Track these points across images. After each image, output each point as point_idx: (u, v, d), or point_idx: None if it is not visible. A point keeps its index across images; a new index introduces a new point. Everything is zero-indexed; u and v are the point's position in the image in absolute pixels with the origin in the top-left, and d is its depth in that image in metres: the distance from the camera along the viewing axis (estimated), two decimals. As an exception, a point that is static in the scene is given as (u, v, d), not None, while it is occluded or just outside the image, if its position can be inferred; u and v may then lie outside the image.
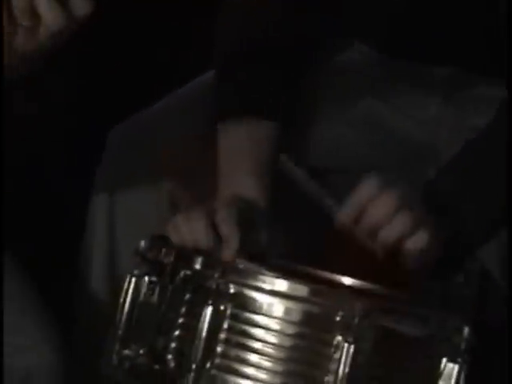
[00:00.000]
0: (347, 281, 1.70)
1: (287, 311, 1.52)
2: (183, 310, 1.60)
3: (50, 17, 1.46)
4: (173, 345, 1.60)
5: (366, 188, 1.73)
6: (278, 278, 1.55)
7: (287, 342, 1.51)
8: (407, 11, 2.00)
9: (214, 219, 1.77)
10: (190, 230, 1.77)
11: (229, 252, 1.73)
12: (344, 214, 1.71)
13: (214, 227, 1.77)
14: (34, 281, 1.91)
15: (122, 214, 2.07)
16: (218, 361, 1.53)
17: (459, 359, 1.51)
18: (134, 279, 1.63)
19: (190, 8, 2.20)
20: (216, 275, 1.55)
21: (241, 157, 1.94)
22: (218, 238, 1.76)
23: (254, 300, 1.54)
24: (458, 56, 2.07)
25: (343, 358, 1.45)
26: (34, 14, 1.46)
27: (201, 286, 1.58)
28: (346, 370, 1.45)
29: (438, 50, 2.07)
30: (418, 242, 1.72)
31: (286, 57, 2.04)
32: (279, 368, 1.51)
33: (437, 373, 1.52)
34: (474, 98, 2.10)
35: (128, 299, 1.64)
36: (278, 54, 2.02)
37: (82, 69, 2.02)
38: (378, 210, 1.71)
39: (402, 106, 2.15)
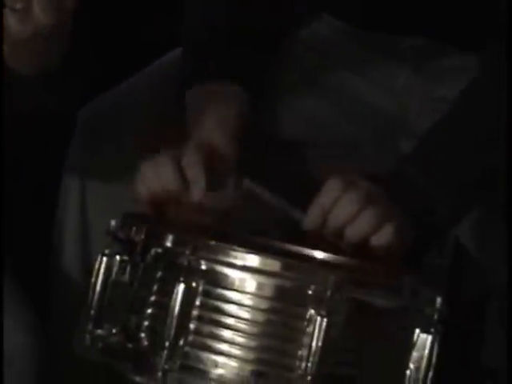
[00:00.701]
0: (319, 255, 1.70)
1: (259, 286, 1.52)
2: (155, 287, 1.60)
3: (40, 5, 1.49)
4: (145, 323, 1.59)
5: (328, 192, 1.75)
6: (249, 253, 1.54)
7: (260, 317, 1.50)
8: None
9: (181, 163, 1.79)
10: (157, 175, 1.79)
11: (197, 194, 1.75)
12: (309, 222, 1.74)
13: (180, 171, 1.79)
14: (10, 266, 1.92)
15: (93, 194, 2.08)
16: (191, 338, 1.52)
17: (432, 330, 1.52)
18: (105, 258, 1.63)
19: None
20: (187, 252, 1.54)
21: (207, 115, 1.94)
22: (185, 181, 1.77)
23: (226, 276, 1.54)
24: (428, 26, 2.08)
25: (316, 331, 1.46)
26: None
27: (172, 264, 1.58)
28: (320, 343, 1.46)
29: (408, 21, 2.07)
30: (383, 237, 1.74)
31: (255, 30, 2.05)
32: (253, 343, 1.51)
33: (410, 344, 1.53)
34: (444, 68, 2.11)
35: (100, 279, 1.63)
36: (246, 28, 2.03)
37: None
38: (341, 211, 1.73)
39: (373, 77, 2.16)
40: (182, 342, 1.53)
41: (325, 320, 1.46)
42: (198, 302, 1.53)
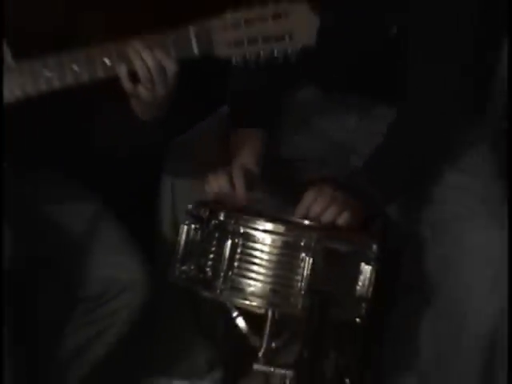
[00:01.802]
0: (307, 223, 2.36)
1: (273, 240, 2.25)
2: (214, 243, 2.32)
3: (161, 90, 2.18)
4: (209, 263, 2.31)
5: (309, 196, 2.38)
6: (266, 221, 2.27)
7: (274, 258, 2.24)
8: (337, 66, 2.66)
9: (231, 176, 2.45)
10: (217, 182, 2.44)
11: (239, 195, 2.42)
12: (298, 214, 2.39)
13: (230, 181, 2.44)
14: (133, 228, 2.54)
15: (179, 190, 2.70)
16: (235, 271, 2.26)
17: (371, 263, 2.24)
18: (185, 227, 2.36)
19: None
20: (232, 222, 2.29)
21: (242, 148, 2.58)
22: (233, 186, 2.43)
23: (253, 235, 2.27)
24: (367, 89, 2.71)
25: (306, 266, 2.22)
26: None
27: (223, 229, 2.30)
28: (308, 272, 2.22)
29: (355, 87, 2.71)
30: (342, 220, 2.36)
31: (270, 97, 2.71)
32: (270, 273, 2.25)
33: (358, 272, 2.25)
34: (377, 114, 2.71)
35: (183, 238, 2.36)
36: (265, 96, 2.68)
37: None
38: (316, 208, 2.36)
39: (334, 121, 2.79)
40: (230, 273, 2.27)
41: (311, 259, 2.21)
42: (238, 250, 2.27)
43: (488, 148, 2.78)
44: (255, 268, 2.28)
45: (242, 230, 2.29)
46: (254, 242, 2.29)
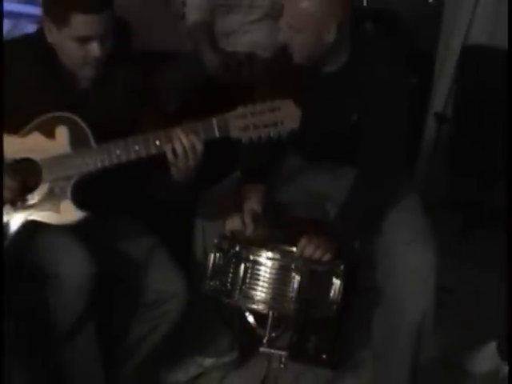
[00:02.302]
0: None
1: (273, 264, 2.30)
2: (232, 266, 2.34)
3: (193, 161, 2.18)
4: (229, 280, 2.33)
5: (303, 242, 2.35)
6: (268, 251, 2.31)
7: (273, 277, 2.29)
8: (314, 141, 2.62)
9: (243, 218, 2.48)
10: (234, 222, 2.47)
11: (248, 231, 2.44)
12: (297, 252, 2.35)
13: (243, 221, 2.47)
14: (176, 254, 2.50)
15: (208, 228, 2.63)
16: (247, 285, 2.30)
17: (340, 278, 2.29)
18: (212, 254, 2.39)
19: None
20: (244, 251, 2.33)
21: (249, 197, 2.56)
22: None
23: (259, 261, 2.31)
24: (336, 156, 2.67)
25: (295, 281, 2.27)
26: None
27: (239, 256, 2.33)
28: (296, 286, 2.27)
29: (327, 155, 2.68)
30: (326, 257, 2.34)
31: (268, 163, 2.68)
32: (270, 287, 2.29)
33: (331, 284, 2.29)
34: (344, 173, 2.65)
35: (211, 262, 2.38)
36: (264, 163, 2.65)
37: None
38: (310, 250, 2.33)
39: (313, 178, 2.76)
40: (243, 287, 2.30)
41: (299, 277, 2.26)
42: (249, 271, 2.30)
43: (416, 194, 2.75)
44: (260, 283, 2.31)
45: (251, 257, 2.33)
46: (260, 265, 2.33)
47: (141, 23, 3.40)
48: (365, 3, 5.63)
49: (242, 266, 2.30)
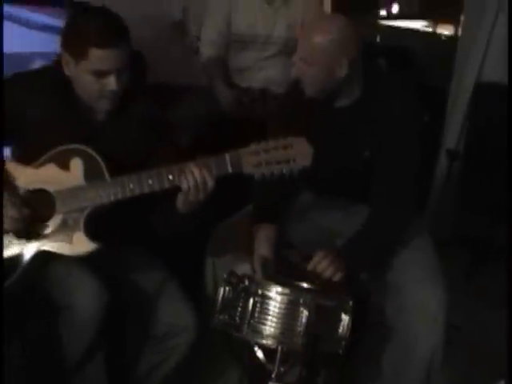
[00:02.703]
0: (306, 285, 2.37)
1: (281, 299, 2.29)
2: (241, 300, 2.33)
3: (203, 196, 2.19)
4: (238, 314, 2.32)
5: (317, 257, 2.40)
6: (277, 286, 2.30)
7: (282, 311, 2.28)
8: (326, 177, 2.61)
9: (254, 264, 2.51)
10: (244, 268, 2.49)
11: (258, 278, 2.42)
12: (310, 267, 2.39)
13: (253, 268, 2.50)
14: (187, 288, 2.50)
15: (218, 264, 2.67)
16: (256, 319, 2.29)
17: (348, 313, 2.29)
18: (222, 289, 2.37)
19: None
20: (253, 286, 2.32)
21: (261, 239, 2.58)
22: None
23: (268, 295, 2.29)
24: (347, 193, 2.69)
25: (303, 316, 2.26)
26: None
27: (248, 291, 2.32)
28: (304, 321, 2.26)
29: (339, 192, 2.69)
30: (337, 277, 2.39)
31: (280, 200, 2.70)
32: (279, 321, 2.28)
33: (339, 319, 2.29)
34: (356, 210, 2.68)
35: (220, 296, 2.36)
36: (276, 200, 2.67)
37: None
38: (323, 265, 2.38)
39: (325, 215, 2.77)
40: (252, 321, 2.30)
41: (307, 312, 2.26)
42: (258, 305, 2.30)
43: (427, 232, 2.76)
44: (269, 318, 2.31)
45: (260, 292, 2.33)
46: (269, 299, 2.32)
47: (155, 57, 3.45)
48: (378, 39, 5.71)
49: (251, 301, 2.30)
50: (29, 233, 2.25)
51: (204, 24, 3.78)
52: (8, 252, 2.26)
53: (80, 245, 2.23)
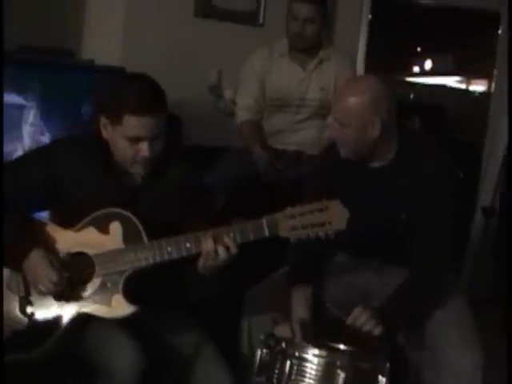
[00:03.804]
0: (342, 347, 2.37)
1: (318, 361, 2.31)
2: (278, 362, 2.36)
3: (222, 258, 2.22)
4: (275, 376, 2.35)
5: (356, 312, 2.42)
6: (314, 348, 2.33)
7: (318, 373, 2.30)
8: (361, 239, 2.63)
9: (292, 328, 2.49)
10: (282, 330, 2.46)
11: (297, 341, 2.42)
12: (350, 320, 2.42)
13: (291, 331, 2.47)
14: (222, 349, 2.50)
15: (255, 324, 2.66)
16: (292, 382, 2.31)
17: (385, 375, 2.30)
18: (259, 351, 2.40)
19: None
20: (290, 349, 2.35)
21: (297, 301, 2.59)
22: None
23: (305, 358, 2.32)
24: (383, 254, 2.69)
25: (340, 379, 2.28)
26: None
27: (285, 353, 2.35)
28: (341, 382, 2.28)
29: (374, 253, 2.71)
30: (378, 331, 2.41)
31: (316, 262, 2.69)
32: (314, 382, 2.31)
33: (376, 382, 2.29)
34: (390, 271, 2.69)
35: (257, 358, 2.40)
36: (312, 262, 2.66)
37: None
38: (363, 318, 2.41)
39: (360, 276, 2.77)
40: (289, 383, 2.32)
41: (344, 374, 2.28)
42: (294, 368, 2.32)
43: (463, 291, 2.77)
44: (306, 380, 2.33)
45: (297, 354, 2.34)
46: (306, 362, 2.34)
47: (191, 120, 3.51)
48: (411, 96, 5.75)
49: (288, 363, 2.31)
50: (68, 295, 2.30)
51: (239, 89, 3.88)
52: (47, 314, 2.31)
53: (119, 307, 2.26)
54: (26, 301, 2.33)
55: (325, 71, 3.79)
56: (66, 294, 2.30)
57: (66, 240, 2.33)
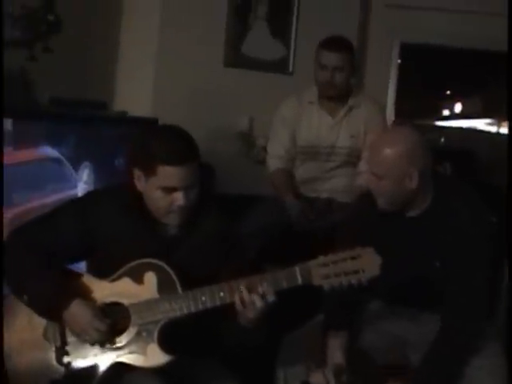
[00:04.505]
0: None
1: None
2: None
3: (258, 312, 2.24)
4: None
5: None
6: None
7: None
8: (395, 286, 2.63)
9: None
10: (317, 378, 2.51)
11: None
12: None
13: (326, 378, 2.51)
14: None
15: (290, 374, 2.64)
16: None
17: None
18: None
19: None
20: None
21: (332, 347, 2.60)
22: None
23: None
24: (417, 302, 2.67)
25: None
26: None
27: None
28: None
29: (408, 301, 2.69)
30: None
31: (351, 309, 2.69)
32: None
33: None
34: (424, 319, 2.66)
35: None
36: (347, 308, 2.65)
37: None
38: None
39: (395, 323, 2.75)
40: None
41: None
42: None
43: (499, 338, 2.76)
44: None
45: None
46: None
47: (224, 168, 3.54)
48: (442, 140, 5.75)
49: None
50: (105, 344, 2.33)
51: (270, 138, 3.92)
52: (84, 363, 2.34)
53: (154, 357, 2.28)
54: (62, 351, 2.36)
55: (354, 118, 3.81)
56: (102, 342, 2.33)
57: (102, 290, 2.37)
